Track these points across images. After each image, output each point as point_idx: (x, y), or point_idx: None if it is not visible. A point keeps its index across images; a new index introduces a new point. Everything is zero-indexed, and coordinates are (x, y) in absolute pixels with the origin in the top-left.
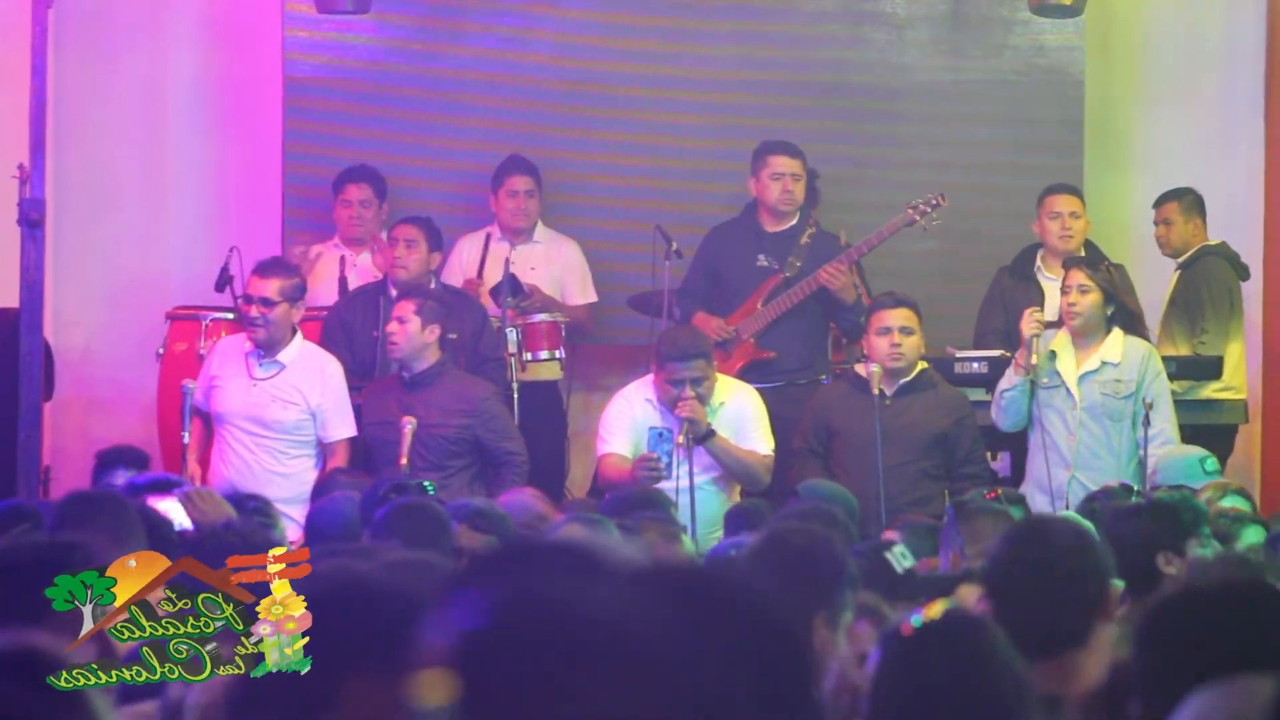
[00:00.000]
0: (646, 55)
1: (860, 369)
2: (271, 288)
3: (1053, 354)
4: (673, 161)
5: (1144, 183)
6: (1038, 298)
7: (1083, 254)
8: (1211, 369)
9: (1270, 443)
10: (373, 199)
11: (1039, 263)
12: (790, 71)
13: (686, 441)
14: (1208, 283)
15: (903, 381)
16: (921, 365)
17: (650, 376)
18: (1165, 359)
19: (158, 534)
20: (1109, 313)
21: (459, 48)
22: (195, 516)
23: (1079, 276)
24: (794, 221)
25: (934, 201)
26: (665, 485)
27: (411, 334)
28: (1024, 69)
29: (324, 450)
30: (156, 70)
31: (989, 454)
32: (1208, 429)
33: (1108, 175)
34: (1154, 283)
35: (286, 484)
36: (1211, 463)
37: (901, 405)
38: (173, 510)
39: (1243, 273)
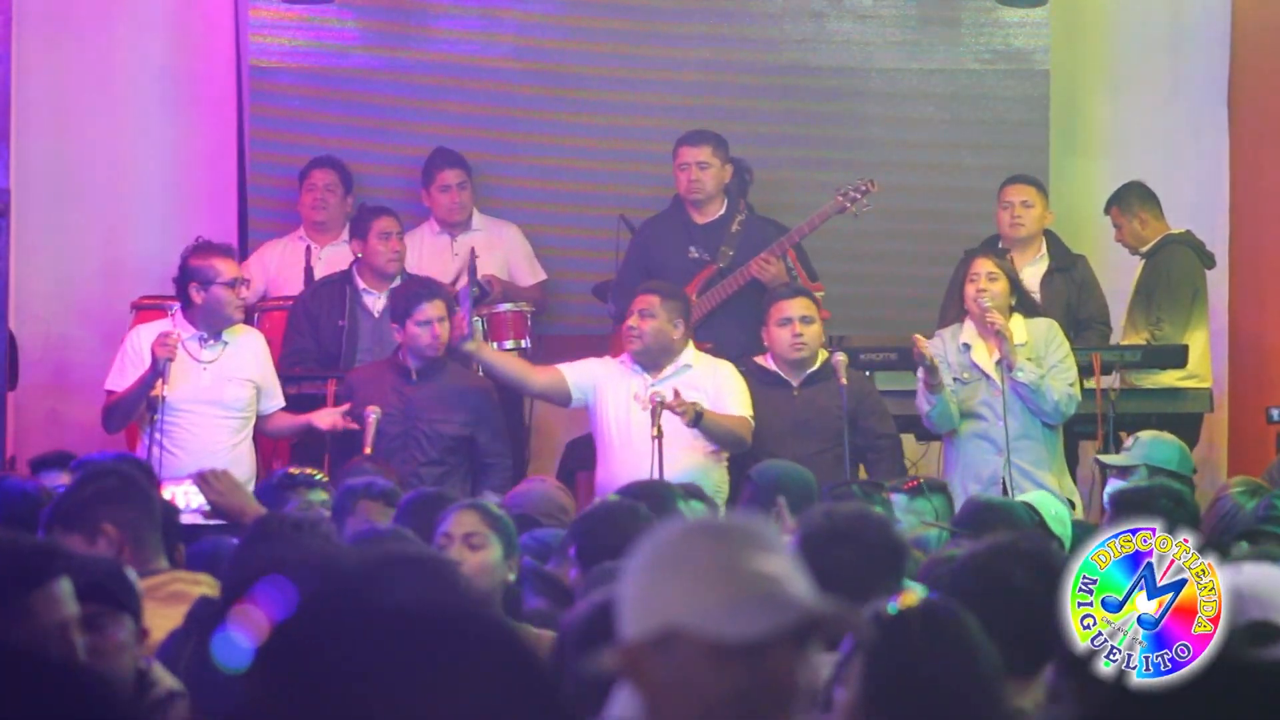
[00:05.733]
0: (611, 43)
1: (762, 360)
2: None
3: (966, 346)
4: (636, 149)
5: (1109, 170)
6: None
7: (1041, 244)
8: (1177, 357)
9: (1237, 430)
10: (338, 185)
11: None
12: (754, 60)
13: (659, 432)
14: (1168, 271)
15: (809, 372)
16: (824, 354)
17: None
18: (1130, 348)
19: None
20: (1013, 301)
21: (423, 35)
22: (212, 497)
23: (988, 265)
24: (722, 211)
25: (863, 187)
26: (639, 467)
27: (440, 335)
28: (989, 57)
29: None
30: (121, 59)
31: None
32: (1173, 417)
33: (1073, 163)
34: (1121, 272)
35: (244, 463)
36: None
37: (810, 395)
38: (189, 493)
39: (1207, 260)
